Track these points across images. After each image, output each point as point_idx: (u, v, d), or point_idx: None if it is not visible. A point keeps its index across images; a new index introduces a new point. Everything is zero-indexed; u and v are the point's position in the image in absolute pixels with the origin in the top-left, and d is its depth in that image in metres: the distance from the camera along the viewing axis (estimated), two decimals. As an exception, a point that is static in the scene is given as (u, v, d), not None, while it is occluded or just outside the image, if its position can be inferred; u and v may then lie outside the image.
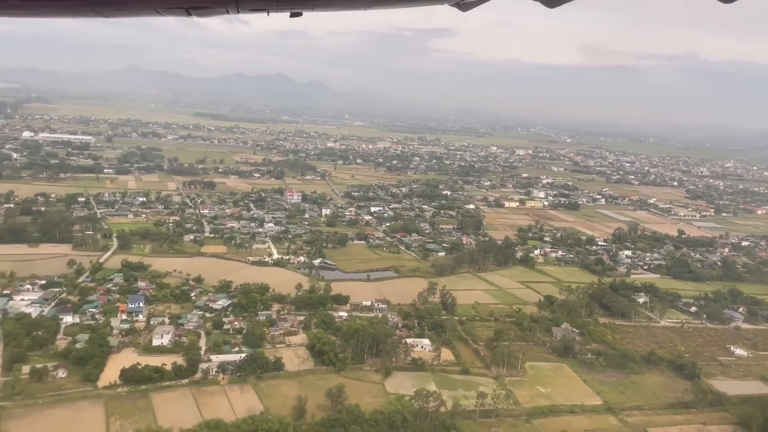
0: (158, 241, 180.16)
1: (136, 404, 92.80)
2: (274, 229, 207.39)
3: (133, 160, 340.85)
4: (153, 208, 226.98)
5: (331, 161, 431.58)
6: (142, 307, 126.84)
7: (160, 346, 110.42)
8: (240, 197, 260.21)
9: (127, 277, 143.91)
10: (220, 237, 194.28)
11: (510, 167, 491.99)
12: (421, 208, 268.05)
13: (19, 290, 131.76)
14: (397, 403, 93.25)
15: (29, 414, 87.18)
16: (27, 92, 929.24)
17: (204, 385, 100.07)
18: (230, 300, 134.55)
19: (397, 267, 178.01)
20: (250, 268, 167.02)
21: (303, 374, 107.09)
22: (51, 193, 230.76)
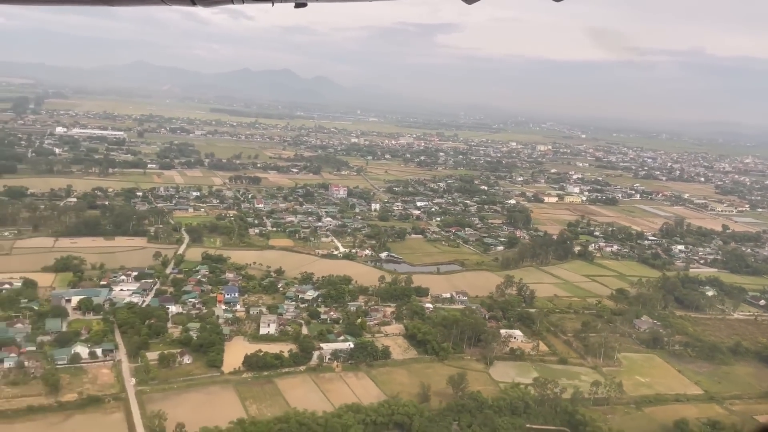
0: (226, 234, 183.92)
1: (263, 389, 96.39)
2: (332, 224, 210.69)
3: (172, 155, 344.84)
4: (209, 203, 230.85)
5: (360, 157, 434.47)
6: (237, 297, 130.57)
7: (267, 335, 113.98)
8: (287, 192, 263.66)
9: (212, 269, 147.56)
10: (283, 231, 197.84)
11: (536, 163, 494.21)
12: (464, 203, 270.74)
13: (115, 281, 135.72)
14: (514, 390, 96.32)
15: (168, 398, 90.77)
16: (41, 88, 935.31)
17: (320, 371, 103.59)
18: (318, 291, 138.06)
19: (461, 260, 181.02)
20: (321, 260, 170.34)
21: (409, 362, 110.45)
22: (108, 187, 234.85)
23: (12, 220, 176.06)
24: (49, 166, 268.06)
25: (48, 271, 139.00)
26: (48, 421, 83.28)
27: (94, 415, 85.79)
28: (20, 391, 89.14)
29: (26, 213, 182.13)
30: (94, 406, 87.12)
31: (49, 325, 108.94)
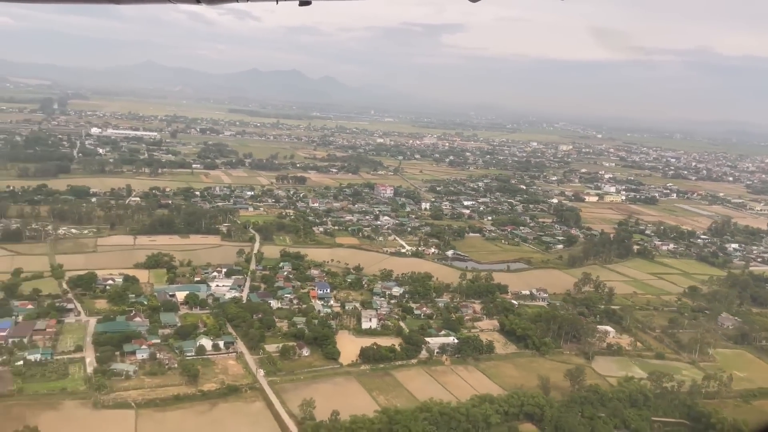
0: (293, 232, 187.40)
1: (384, 381, 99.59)
2: (391, 222, 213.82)
3: (212, 155, 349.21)
4: (264, 202, 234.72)
5: (390, 157, 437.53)
6: (329, 293, 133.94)
7: (370, 329, 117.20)
8: (336, 192, 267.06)
9: (295, 266, 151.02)
10: (345, 229, 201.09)
11: (563, 162, 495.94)
12: (510, 203, 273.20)
13: (207, 277, 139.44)
14: (629, 384, 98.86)
15: (299, 388, 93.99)
16: (59, 89, 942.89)
17: (431, 365, 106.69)
18: (403, 287, 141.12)
19: (526, 259, 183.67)
20: (391, 258, 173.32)
21: (512, 357, 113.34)
22: (164, 187, 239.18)
23: (87, 219, 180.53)
24: (100, 166, 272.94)
25: (140, 268, 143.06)
26: (195, 409, 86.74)
27: (236, 403, 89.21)
28: (160, 381, 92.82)
29: (100, 212, 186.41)
30: (234, 395, 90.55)
31: (164, 319, 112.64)
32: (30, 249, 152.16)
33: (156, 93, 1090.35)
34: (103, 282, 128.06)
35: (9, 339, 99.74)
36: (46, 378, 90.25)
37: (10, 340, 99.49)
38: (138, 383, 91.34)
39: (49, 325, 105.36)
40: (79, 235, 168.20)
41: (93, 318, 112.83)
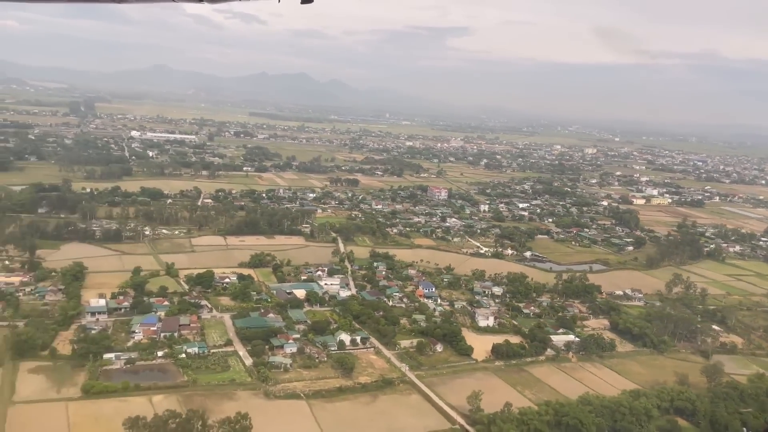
0: (370, 233, 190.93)
1: (521, 376, 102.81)
2: (458, 224, 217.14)
3: (257, 158, 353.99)
4: (327, 204, 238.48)
5: (425, 159, 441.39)
6: (434, 292, 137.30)
7: (487, 327, 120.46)
8: (391, 194, 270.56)
9: (389, 265, 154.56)
10: (417, 230, 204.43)
11: (594, 165, 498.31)
12: (563, 205, 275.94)
13: (312, 276, 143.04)
14: (761, 381, 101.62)
15: (445, 382, 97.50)
16: (79, 92, 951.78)
17: (558, 361, 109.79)
18: (500, 287, 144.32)
19: (603, 260, 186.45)
20: (472, 259, 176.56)
21: (632, 355, 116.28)
22: (230, 189, 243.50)
23: (174, 220, 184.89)
24: (159, 169, 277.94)
25: (245, 267, 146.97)
26: (360, 400, 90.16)
27: (394, 396, 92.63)
28: (317, 373, 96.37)
29: (185, 213, 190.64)
30: (390, 388, 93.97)
31: (294, 316, 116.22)
32: (133, 249, 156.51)
33: (172, 96, 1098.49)
34: (221, 280, 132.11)
35: (161, 333, 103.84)
36: (211, 370, 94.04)
37: (162, 335, 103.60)
38: (297, 375, 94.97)
39: (192, 320, 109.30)
40: (171, 236, 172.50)
41: (225, 314, 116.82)
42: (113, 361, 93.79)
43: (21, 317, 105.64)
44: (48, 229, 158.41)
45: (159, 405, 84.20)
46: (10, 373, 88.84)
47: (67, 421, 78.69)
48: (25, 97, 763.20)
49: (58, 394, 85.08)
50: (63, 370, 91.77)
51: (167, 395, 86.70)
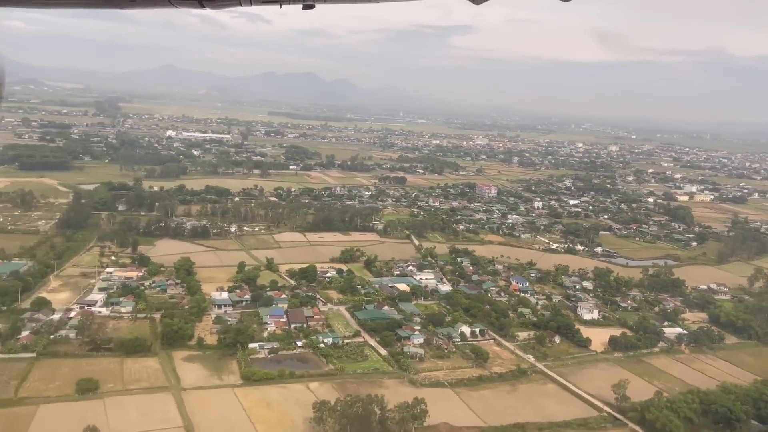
0: (439, 230, 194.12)
1: (642, 367, 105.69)
2: (520, 220, 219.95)
3: (298, 157, 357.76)
4: (384, 201, 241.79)
5: (457, 157, 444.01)
6: (528, 287, 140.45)
7: (593, 320, 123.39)
8: (441, 191, 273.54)
9: (474, 260, 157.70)
10: (481, 227, 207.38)
11: (623, 162, 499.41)
12: (613, 202, 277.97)
13: (404, 271, 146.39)
14: None
15: (574, 372, 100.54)
16: (98, 92, 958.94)
17: (673, 353, 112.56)
18: (589, 282, 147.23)
19: (672, 255, 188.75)
20: (546, 255, 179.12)
21: (739, 347, 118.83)
22: (289, 187, 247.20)
23: (251, 217, 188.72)
24: (212, 168, 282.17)
25: (336, 262, 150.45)
26: (501, 389, 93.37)
27: (530, 385, 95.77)
28: (451, 363, 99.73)
29: (260, 211, 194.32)
30: (524, 377, 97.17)
31: (406, 308, 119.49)
32: (224, 245, 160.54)
33: (188, 97, 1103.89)
34: (323, 274, 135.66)
35: (291, 324, 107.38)
36: (351, 359, 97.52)
37: (292, 326, 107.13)
38: (432, 365, 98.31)
39: (315, 312, 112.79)
40: (253, 232, 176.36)
41: (339, 306, 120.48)
42: (258, 350, 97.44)
43: (153, 310, 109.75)
44: (139, 226, 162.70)
45: (317, 391, 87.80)
46: (167, 362, 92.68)
47: (240, 405, 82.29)
48: (48, 97, 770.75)
49: (221, 381, 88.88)
50: (212, 359, 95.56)
51: (321, 382, 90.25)
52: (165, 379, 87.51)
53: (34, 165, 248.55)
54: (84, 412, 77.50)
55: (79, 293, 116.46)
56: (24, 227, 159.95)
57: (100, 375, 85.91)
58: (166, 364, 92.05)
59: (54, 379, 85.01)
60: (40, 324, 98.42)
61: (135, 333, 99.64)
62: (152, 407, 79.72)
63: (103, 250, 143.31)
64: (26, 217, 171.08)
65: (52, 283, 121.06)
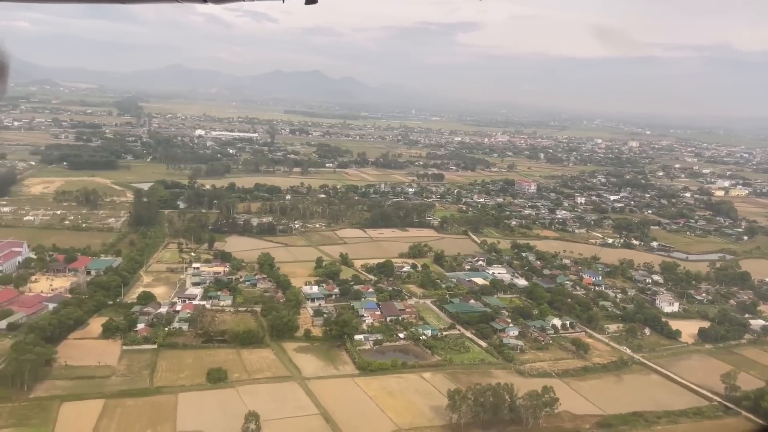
0: (491, 225, 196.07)
1: (735, 358, 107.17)
2: (568, 216, 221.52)
3: (330, 155, 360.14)
4: (429, 197, 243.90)
5: (483, 154, 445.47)
6: (601, 280, 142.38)
7: (672, 312, 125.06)
8: (481, 188, 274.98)
9: (539, 255, 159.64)
10: (532, 222, 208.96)
11: (647, 158, 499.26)
12: (653, 197, 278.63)
13: (474, 265, 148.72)
14: None
15: (672, 363, 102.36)
16: (113, 92, 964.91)
17: (761, 344, 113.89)
18: (658, 276, 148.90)
19: (727, 249, 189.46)
20: (604, 249, 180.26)
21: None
22: (334, 184, 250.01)
23: (309, 214, 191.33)
24: (254, 166, 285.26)
25: (405, 257, 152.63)
26: (606, 379, 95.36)
27: (633, 375, 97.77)
28: (551, 354, 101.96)
29: (317, 208, 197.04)
30: (626, 368, 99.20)
31: (490, 301, 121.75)
32: (292, 241, 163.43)
33: (201, 96, 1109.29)
34: (399, 269, 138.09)
35: (387, 318, 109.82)
36: (455, 350, 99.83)
37: (388, 318, 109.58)
38: (534, 357, 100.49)
39: (405, 305, 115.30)
40: (315, 229, 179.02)
41: (426, 300, 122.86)
42: (363, 342, 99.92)
43: (252, 303, 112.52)
44: (207, 223, 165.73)
45: (431, 381, 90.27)
46: (281, 353, 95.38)
47: (364, 394, 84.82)
48: (66, 97, 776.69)
49: (338, 371, 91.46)
50: (321, 350, 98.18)
51: (433, 372, 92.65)
52: (285, 369, 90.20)
53: (82, 164, 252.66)
54: (221, 399, 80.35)
55: (174, 288, 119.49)
56: (96, 225, 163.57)
57: (223, 365, 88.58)
58: (281, 354, 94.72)
59: (181, 369, 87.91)
60: (151, 317, 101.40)
61: (240, 325, 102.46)
62: (284, 396, 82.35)
63: (180, 247, 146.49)
64: (94, 215, 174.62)
65: (144, 278, 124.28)
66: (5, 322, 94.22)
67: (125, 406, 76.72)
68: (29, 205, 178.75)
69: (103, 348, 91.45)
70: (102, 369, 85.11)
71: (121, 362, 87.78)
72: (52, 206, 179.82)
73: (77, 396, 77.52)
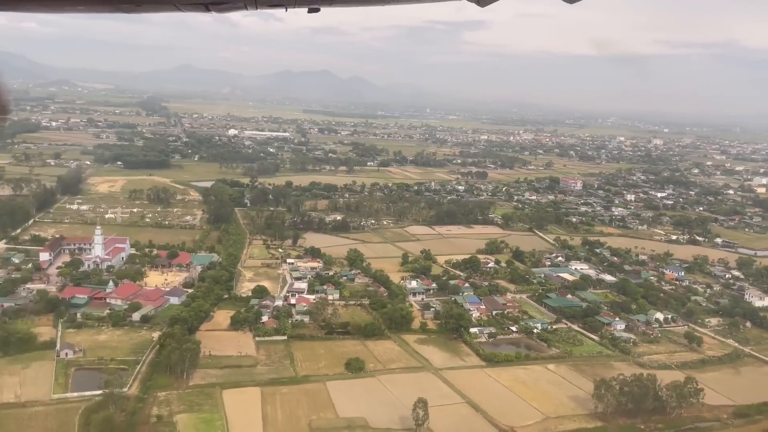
0: (552, 222, 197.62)
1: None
2: (624, 213, 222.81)
3: (367, 154, 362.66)
4: (480, 195, 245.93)
5: (514, 152, 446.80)
6: (683, 276, 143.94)
7: (764, 306, 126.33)
8: (528, 185, 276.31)
9: (614, 252, 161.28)
10: (592, 219, 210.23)
11: (677, 156, 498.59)
12: (699, 194, 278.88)
13: (554, 262, 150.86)
14: None
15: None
16: (131, 93, 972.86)
17: None
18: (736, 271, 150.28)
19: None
20: (672, 246, 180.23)
21: None
22: (385, 183, 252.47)
23: (374, 211, 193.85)
24: (302, 165, 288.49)
25: (482, 253, 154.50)
26: (724, 371, 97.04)
27: (750, 367, 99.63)
28: (663, 347, 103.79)
29: (380, 205, 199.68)
30: (740, 360, 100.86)
31: (584, 296, 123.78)
32: (367, 237, 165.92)
33: (216, 96, 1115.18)
34: (485, 265, 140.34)
35: (492, 311, 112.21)
36: (569, 343, 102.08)
37: (494, 312, 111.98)
38: (648, 349, 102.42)
39: (506, 299, 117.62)
40: (383, 226, 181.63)
41: (521, 294, 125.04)
42: (478, 334, 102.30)
43: (359, 297, 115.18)
44: (283, 221, 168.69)
45: (558, 372, 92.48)
46: (404, 345, 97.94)
47: (499, 384, 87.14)
48: (89, 98, 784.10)
49: (464, 362, 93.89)
50: (440, 342, 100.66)
51: (557, 364, 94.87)
52: (414, 360, 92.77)
53: (137, 164, 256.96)
54: (367, 388, 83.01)
55: (274, 282, 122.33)
56: (177, 222, 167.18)
57: (354, 356, 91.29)
58: (405, 346, 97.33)
59: (317, 359, 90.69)
60: (270, 309, 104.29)
61: (355, 318, 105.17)
62: (424, 385, 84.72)
63: (265, 243, 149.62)
64: (169, 213, 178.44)
65: (245, 273, 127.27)
66: (138, 314, 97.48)
67: (281, 394, 79.57)
68: (104, 204, 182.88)
69: (236, 339, 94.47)
70: (245, 359, 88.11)
71: (259, 352, 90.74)
72: (126, 204, 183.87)
73: (234, 384, 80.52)
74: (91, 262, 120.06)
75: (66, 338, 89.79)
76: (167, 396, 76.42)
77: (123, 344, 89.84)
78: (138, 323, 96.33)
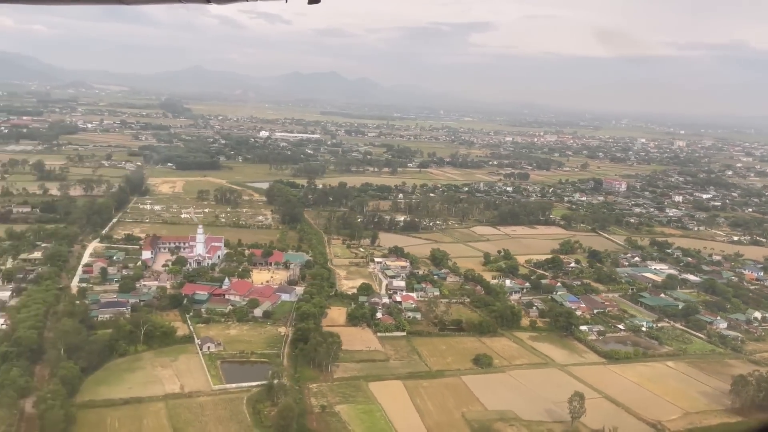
0: (612, 223, 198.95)
1: None
2: (678, 214, 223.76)
3: (403, 156, 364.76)
4: (530, 196, 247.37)
5: (543, 153, 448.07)
6: (763, 275, 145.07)
7: None
8: (574, 187, 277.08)
9: (686, 252, 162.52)
10: (649, 220, 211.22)
11: (705, 157, 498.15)
12: (742, 195, 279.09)
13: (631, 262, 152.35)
14: None
15: None
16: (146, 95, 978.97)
17: None
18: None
19: None
20: (736, 246, 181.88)
21: None
22: (433, 184, 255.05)
23: (436, 212, 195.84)
24: (346, 166, 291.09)
25: (556, 253, 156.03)
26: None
27: None
28: None
29: (442, 206, 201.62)
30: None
31: (680, 296, 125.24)
32: (437, 237, 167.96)
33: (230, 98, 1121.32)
34: (565, 265, 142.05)
35: (594, 310, 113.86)
36: (680, 341, 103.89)
37: (594, 311, 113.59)
38: (756, 347, 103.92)
39: (603, 298, 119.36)
40: (449, 226, 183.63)
41: (612, 294, 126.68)
42: (588, 332, 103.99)
43: (458, 295, 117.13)
44: (353, 221, 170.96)
45: (679, 369, 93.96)
46: (519, 341, 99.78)
47: (626, 380, 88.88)
48: (108, 99, 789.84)
49: (583, 358, 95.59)
50: (552, 339, 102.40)
51: (674, 361, 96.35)
52: (536, 357, 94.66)
53: (188, 165, 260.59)
54: (502, 382, 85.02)
55: (369, 280, 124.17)
56: (252, 222, 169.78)
57: (475, 352, 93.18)
58: (521, 343, 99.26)
59: (442, 354, 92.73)
60: (380, 306, 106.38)
61: (459, 315, 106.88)
62: (555, 380, 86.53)
63: (346, 243, 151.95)
64: (239, 213, 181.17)
65: (339, 272, 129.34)
66: (260, 310, 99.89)
67: (423, 387, 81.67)
68: (175, 204, 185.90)
69: (358, 334, 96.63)
70: (375, 353, 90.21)
71: (385, 347, 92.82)
72: (196, 205, 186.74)
73: (376, 377, 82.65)
74: (194, 260, 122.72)
75: (198, 333, 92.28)
76: (319, 388, 78.63)
77: (255, 338, 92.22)
78: (261, 319, 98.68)
